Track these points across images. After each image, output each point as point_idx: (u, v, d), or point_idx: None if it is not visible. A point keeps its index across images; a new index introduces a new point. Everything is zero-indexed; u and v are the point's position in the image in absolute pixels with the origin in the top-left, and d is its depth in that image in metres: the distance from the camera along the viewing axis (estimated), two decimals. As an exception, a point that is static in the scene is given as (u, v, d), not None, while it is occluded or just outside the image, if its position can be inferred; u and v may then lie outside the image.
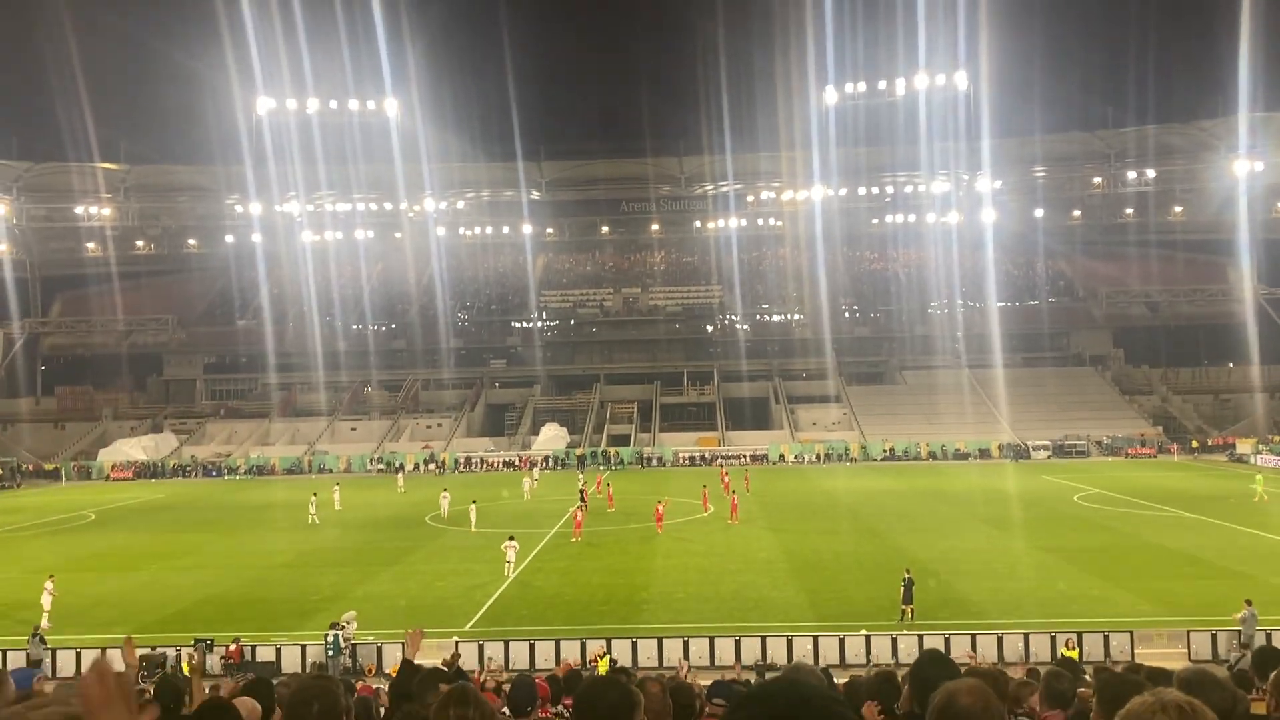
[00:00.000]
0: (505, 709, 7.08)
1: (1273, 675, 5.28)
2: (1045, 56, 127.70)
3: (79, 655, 26.36)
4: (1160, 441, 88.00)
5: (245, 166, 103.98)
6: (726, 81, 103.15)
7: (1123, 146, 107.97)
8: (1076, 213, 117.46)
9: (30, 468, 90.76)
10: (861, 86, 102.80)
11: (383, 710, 8.86)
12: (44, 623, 29.49)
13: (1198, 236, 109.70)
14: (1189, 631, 26.30)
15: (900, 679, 6.82)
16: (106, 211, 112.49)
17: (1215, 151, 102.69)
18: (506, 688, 8.27)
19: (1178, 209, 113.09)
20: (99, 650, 26.09)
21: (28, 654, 26.06)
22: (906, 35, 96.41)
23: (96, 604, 34.17)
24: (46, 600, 30.91)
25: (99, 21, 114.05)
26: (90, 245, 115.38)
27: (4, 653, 26.40)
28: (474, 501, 50.23)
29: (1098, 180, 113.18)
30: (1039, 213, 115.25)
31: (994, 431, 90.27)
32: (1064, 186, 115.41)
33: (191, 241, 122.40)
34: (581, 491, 56.39)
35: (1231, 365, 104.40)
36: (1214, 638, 26.00)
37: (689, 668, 20.67)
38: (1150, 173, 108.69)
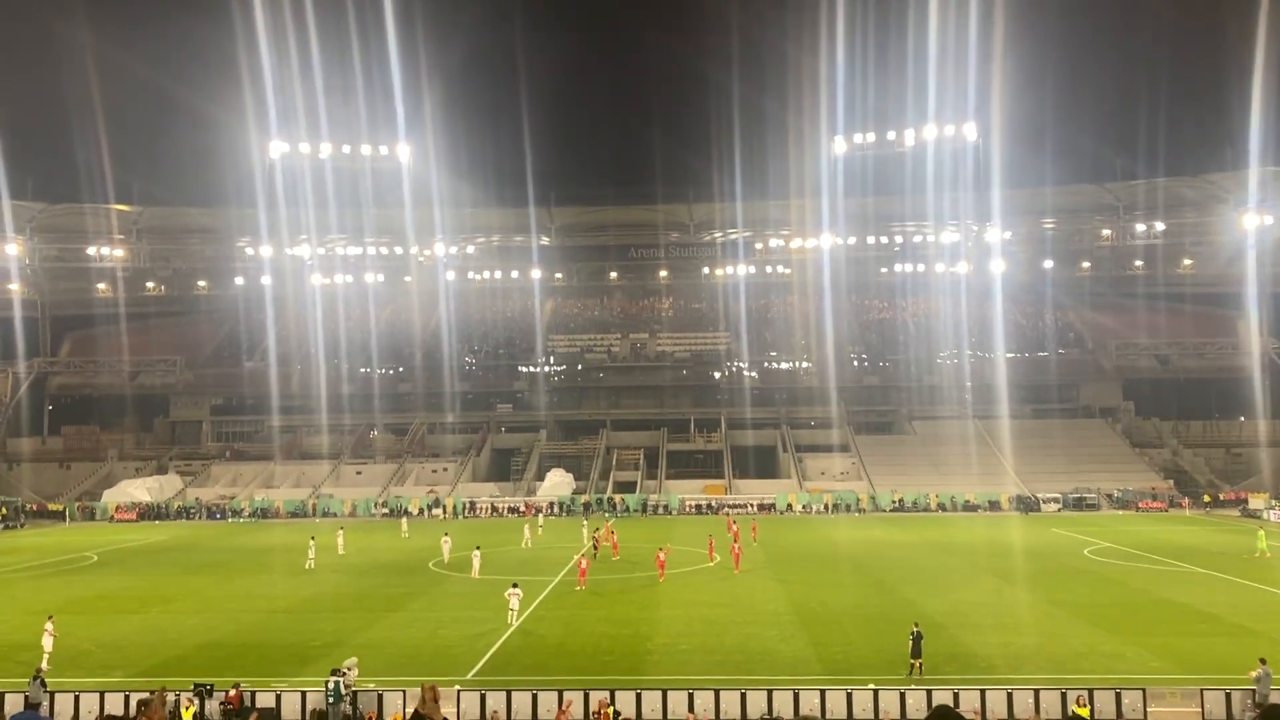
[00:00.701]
0: None
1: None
2: (1055, 108, 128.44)
3: (77, 699, 26.04)
4: (1171, 495, 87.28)
5: (257, 210, 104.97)
6: (737, 130, 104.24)
7: (1132, 199, 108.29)
8: (1086, 264, 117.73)
9: (34, 508, 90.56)
10: (870, 137, 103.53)
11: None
12: (44, 664, 29.20)
13: (1207, 289, 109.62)
14: (1202, 690, 25.79)
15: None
16: (118, 253, 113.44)
17: (1225, 205, 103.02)
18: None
19: (1187, 262, 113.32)
20: (98, 694, 25.85)
21: (27, 697, 25.73)
22: (916, 86, 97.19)
23: (96, 647, 33.83)
24: (48, 642, 30.62)
25: (115, 65, 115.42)
26: (101, 286, 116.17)
27: (2, 695, 26.08)
28: (478, 548, 49.89)
29: (1107, 232, 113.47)
30: (1048, 264, 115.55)
31: (1003, 483, 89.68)
32: (1073, 238, 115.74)
33: (201, 283, 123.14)
34: (595, 539, 56.26)
35: (1243, 419, 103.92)
36: (1228, 697, 25.48)
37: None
38: (1160, 225, 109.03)
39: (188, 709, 25.24)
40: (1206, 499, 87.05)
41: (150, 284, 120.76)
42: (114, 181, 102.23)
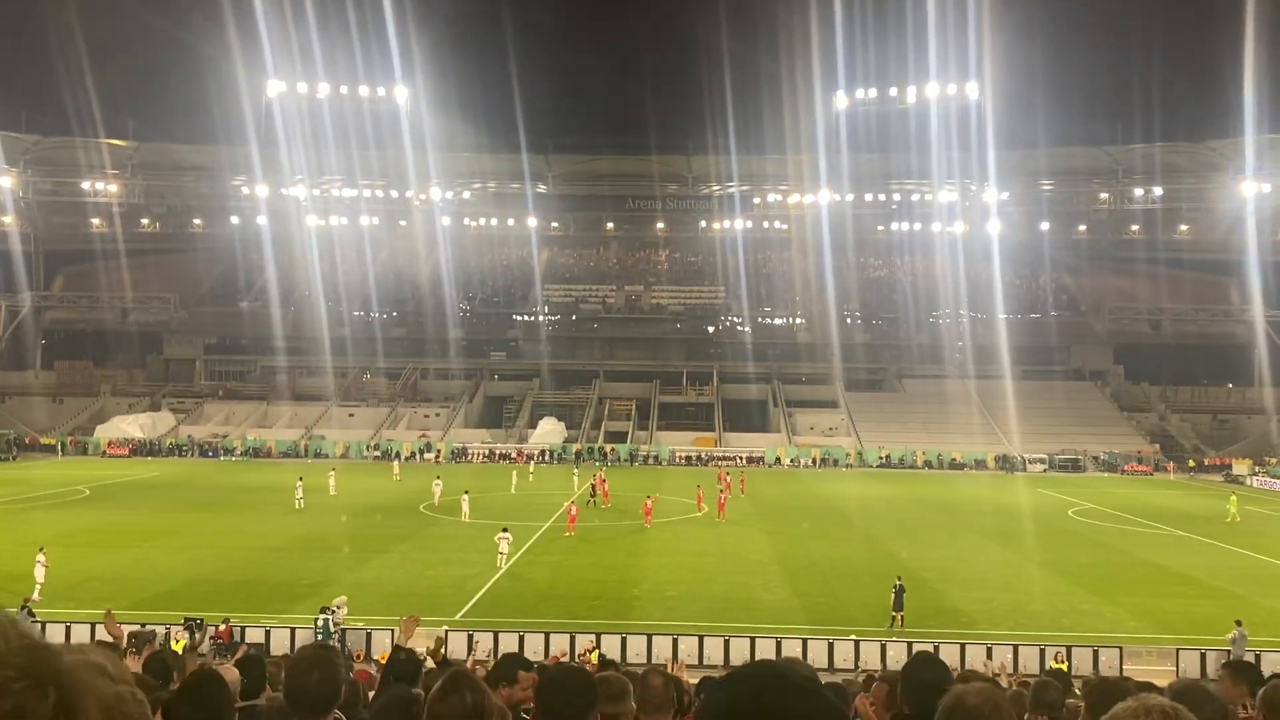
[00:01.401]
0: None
1: (1261, 692, 5.27)
2: (1055, 71, 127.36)
3: (68, 630, 26.35)
4: (1157, 459, 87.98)
5: (252, 148, 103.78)
6: (736, 82, 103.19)
7: (1130, 163, 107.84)
8: (1082, 227, 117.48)
9: (27, 441, 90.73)
10: (873, 92, 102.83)
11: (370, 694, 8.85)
12: (35, 595, 29.50)
13: (1203, 256, 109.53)
14: (1178, 649, 26.30)
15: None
16: (113, 188, 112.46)
17: (1223, 172, 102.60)
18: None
19: (1183, 227, 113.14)
20: (89, 626, 26.16)
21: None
22: (918, 43, 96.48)
23: (87, 580, 34.15)
24: (40, 573, 30.93)
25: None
26: (95, 221, 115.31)
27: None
28: (466, 492, 50.30)
29: (1104, 196, 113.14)
30: (1044, 226, 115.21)
31: (991, 443, 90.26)
32: (1070, 201, 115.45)
33: (196, 221, 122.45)
34: (594, 485, 56.80)
35: (1231, 386, 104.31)
36: (1203, 656, 25.97)
37: (683, 664, 20.54)
38: (1157, 190, 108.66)
39: (178, 643, 25.59)
40: (1191, 464, 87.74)
41: (145, 220, 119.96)
42: (108, 117, 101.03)
